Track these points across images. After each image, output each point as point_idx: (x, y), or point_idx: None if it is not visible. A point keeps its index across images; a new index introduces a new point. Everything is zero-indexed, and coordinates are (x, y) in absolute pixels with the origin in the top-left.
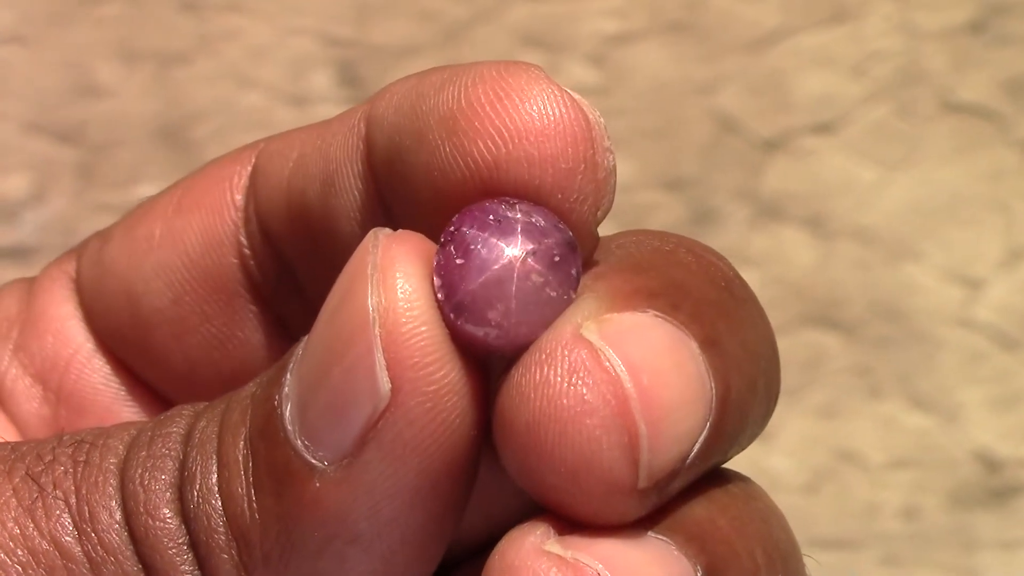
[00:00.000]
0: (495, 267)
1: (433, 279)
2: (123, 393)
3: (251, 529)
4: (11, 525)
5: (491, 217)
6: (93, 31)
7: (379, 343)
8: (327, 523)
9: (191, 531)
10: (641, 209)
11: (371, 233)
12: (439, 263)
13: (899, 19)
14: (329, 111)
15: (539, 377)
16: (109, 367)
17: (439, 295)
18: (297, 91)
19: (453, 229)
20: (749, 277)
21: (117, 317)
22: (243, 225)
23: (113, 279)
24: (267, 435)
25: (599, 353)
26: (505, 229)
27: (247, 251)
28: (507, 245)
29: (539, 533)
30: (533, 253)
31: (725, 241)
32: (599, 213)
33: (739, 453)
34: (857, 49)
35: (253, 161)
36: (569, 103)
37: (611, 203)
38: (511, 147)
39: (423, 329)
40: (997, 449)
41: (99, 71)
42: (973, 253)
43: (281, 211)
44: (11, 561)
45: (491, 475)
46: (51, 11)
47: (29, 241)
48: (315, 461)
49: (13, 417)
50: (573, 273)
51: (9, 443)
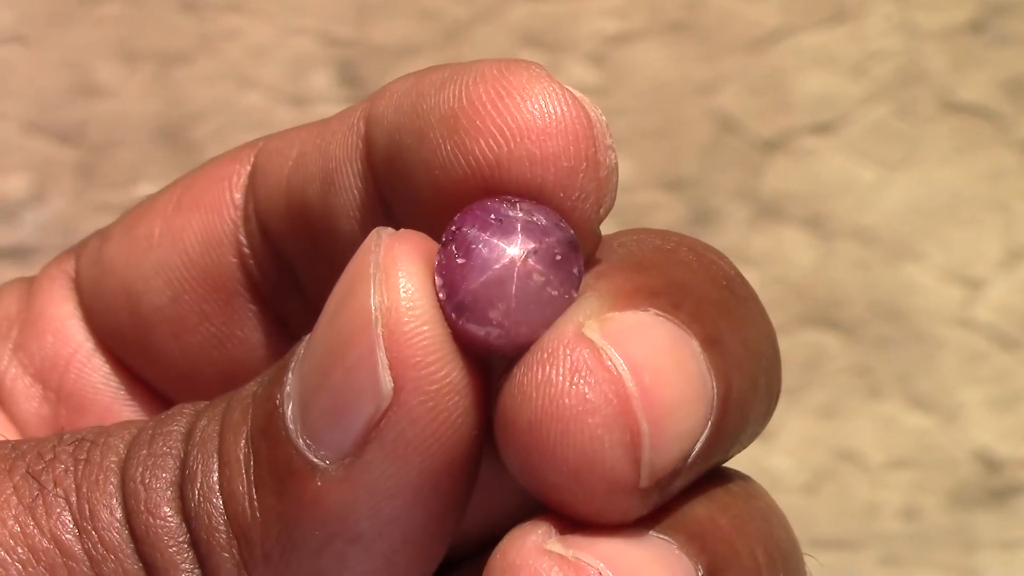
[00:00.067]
0: (496, 267)
1: (435, 278)
2: (123, 392)
3: (252, 528)
4: (11, 523)
5: (492, 216)
6: (93, 31)
7: (381, 342)
8: (328, 522)
9: (192, 529)
10: (641, 209)
11: (374, 232)
12: (440, 262)
13: (899, 19)
14: (329, 111)
15: (541, 376)
16: (109, 366)
17: (440, 295)
18: (297, 91)
19: (454, 228)
20: (749, 277)
21: (116, 316)
22: (242, 224)
23: (112, 278)
24: (269, 434)
25: (601, 352)
26: (506, 228)
27: (246, 250)
28: (508, 244)
29: (540, 532)
30: (534, 252)
31: (725, 241)
32: (601, 211)
33: (740, 452)
34: (857, 49)
35: (252, 160)
36: (570, 101)
37: (613, 200)
38: (513, 146)
39: (425, 328)
40: (997, 449)
41: (99, 71)
42: (973, 253)
43: (280, 210)
44: (11, 559)
45: (492, 474)
46: (51, 11)
47: (29, 241)
48: (317, 460)
49: (13, 416)
50: (575, 272)
51: (10, 441)
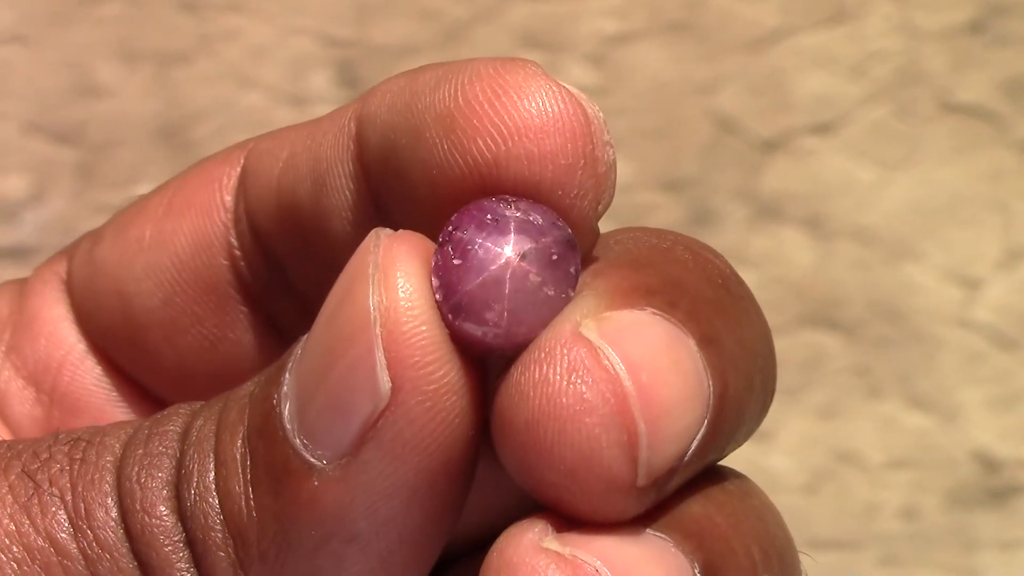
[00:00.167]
0: (492, 268)
1: (431, 279)
2: (116, 394)
3: (248, 527)
4: (7, 522)
5: (488, 216)
6: (93, 31)
7: (380, 342)
8: (325, 522)
9: (187, 529)
10: (640, 209)
11: (372, 233)
12: (437, 263)
13: (899, 19)
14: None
15: (538, 376)
16: (101, 368)
17: (437, 296)
18: (297, 91)
19: (451, 229)
20: (748, 277)
21: (108, 318)
22: (233, 226)
23: (104, 280)
24: (265, 434)
25: (598, 351)
26: (502, 229)
27: (237, 252)
28: (504, 245)
29: (537, 530)
30: (531, 253)
31: (724, 241)
32: (600, 208)
33: (735, 449)
34: (857, 49)
35: (242, 161)
36: (567, 98)
37: (611, 197)
38: (510, 144)
39: (423, 329)
40: (996, 449)
41: (99, 71)
42: (972, 253)
43: (271, 211)
44: (6, 557)
45: (488, 472)
46: (51, 11)
47: (29, 241)
48: (314, 460)
49: (6, 419)
50: (571, 271)
51: (5, 441)
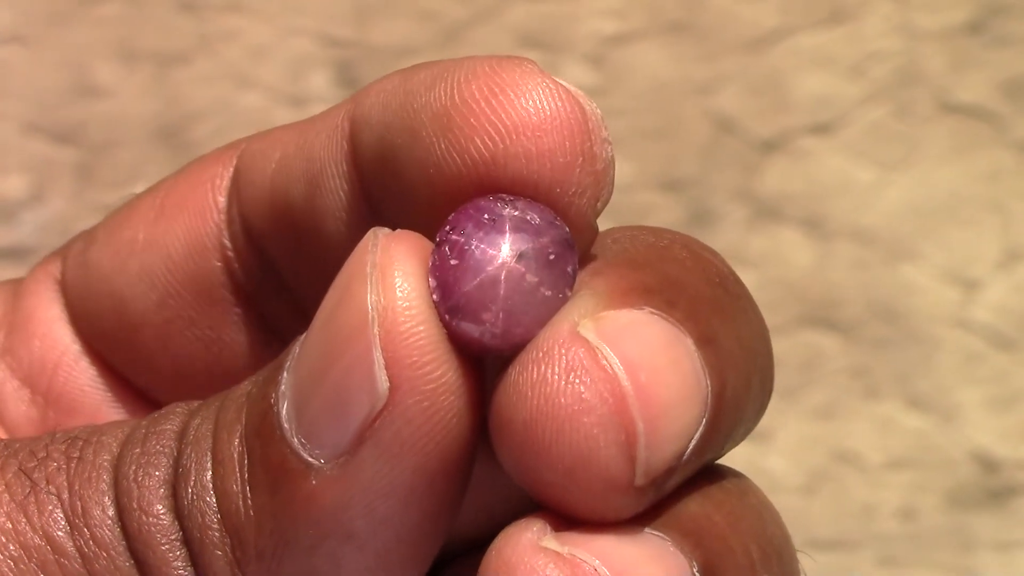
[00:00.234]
0: (489, 269)
1: (429, 280)
2: (111, 395)
3: (245, 526)
4: (3, 520)
5: (486, 216)
6: (92, 31)
7: (378, 342)
8: (322, 521)
9: (184, 528)
10: (639, 209)
11: (370, 232)
12: (434, 263)
13: (898, 20)
14: None
15: (536, 375)
16: (96, 369)
17: (434, 296)
18: (296, 91)
19: (448, 229)
20: (747, 278)
21: (103, 320)
22: (226, 227)
23: (97, 282)
24: (263, 433)
25: (596, 351)
26: (500, 229)
27: (231, 253)
28: (501, 246)
29: (536, 529)
30: (528, 253)
31: (723, 242)
32: (598, 204)
33: (733, 448)
34: (856, 49)
35: (234, 162)
36: (564, 96)
37: (610, 194)
38: (508, 143)
39: (421, 329)
40: (995, 450)
41: (98, 71)
42: (971, 254)
43: (264, 211)
44: (3, 556)
45: (485, 471)
46: (50, 11)
47: (28, 241)
48: (311, 459)
49: (1, 419)
50: (569, 271)
51: (2, 440)
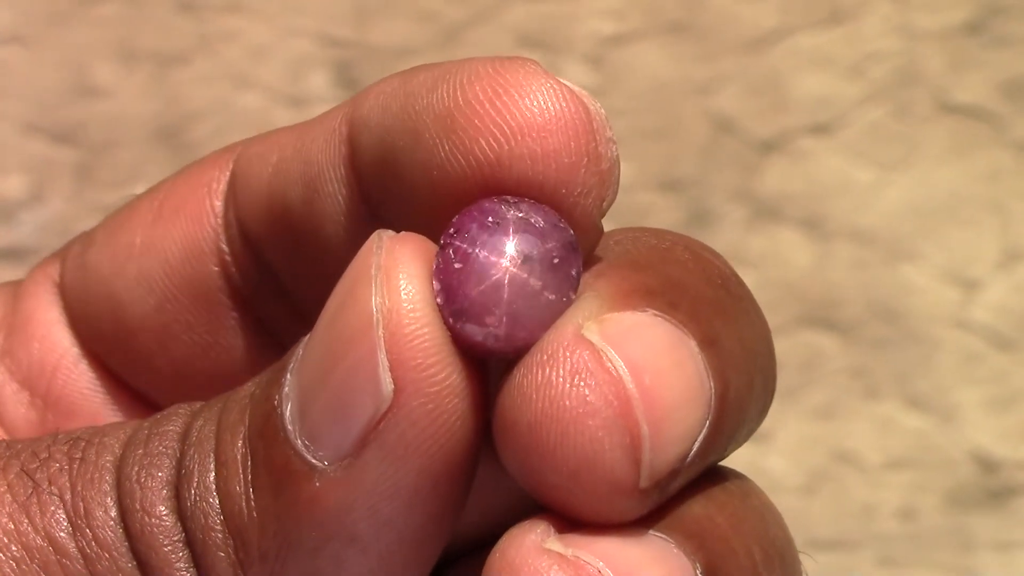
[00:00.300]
0: (492, 272)
1: (433, 282)
2: (110, 398)
3: (248, 527)
4: (5, 520)
5: (490, 219)
6: (92, 31)
7: (383, 344)
8: (326, 523)
9: (187, 529)
10: (638, 210)
11: (375, 234)
12: (438, 266)
13: (897, 20)
14: None
15: (541, 378)
16: (95, 372)
17: (438, 299)
18: (295, 92)
19: (452, 231)
20: (746, 278)
21: (101, 323)
22: (223, 232)
23: (95, 286)
24: (266, 435)
25: (601, 354)
26: (503, 232)
27: (228, 258)
28: (505, 249)
29: (539, 531)
30: (531, 257)
31: (722, 242)
32: (604, 204)
33: (736, 449)
34: (855, 50)
35: (231, 166)
36: (569, 96)
37: (615, 194)
38: (514, 144)
39: (425, 331)
40: (994, 450)
41: (98, 71)
42: (970, 254)
43: (262, 215)
44: (5, 556)
45: (488, 473)
46: (50, 11)
47: (27, 242)
48: (315, 461)
49: (1, 421)
50: (573, 274)
51: (4, 440)
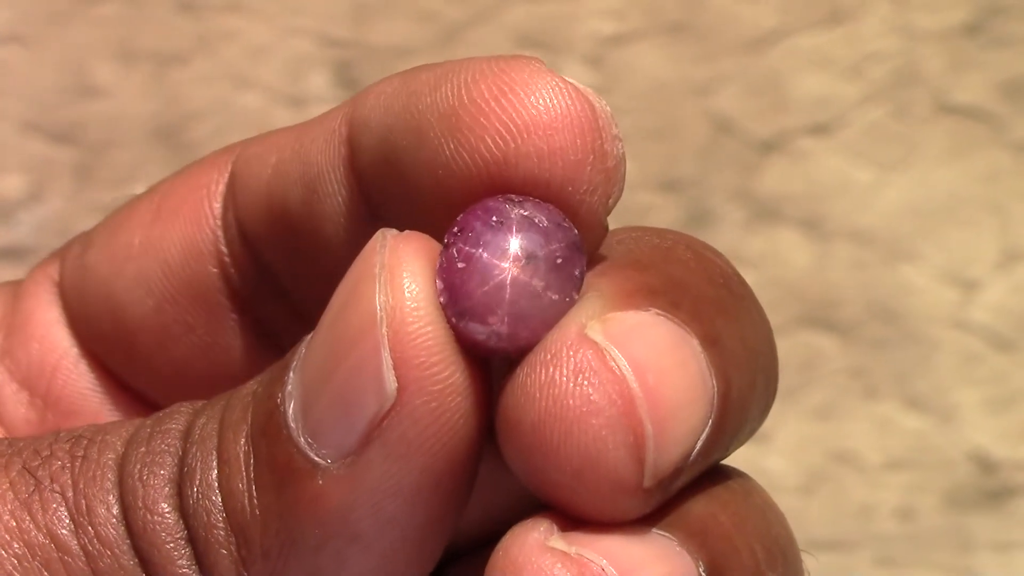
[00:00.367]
0: (495, 272)
1: (436, 281)
2: (110, 398)
3: (251, 525)
4: (7, 518)
5: (494, 218)
6: (91, 31)
7: (386, 342)
8: (328, 521)
9: (189, 527)
10: (638, 210)
11: (379, 233)
12: (442, 265)
13: (896, 20)
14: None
15: (544, 377)
16: (95, 373)
17: (441, 298)
18: (295, 92)
19: (457, 230)
20: (746, 278)
21: (100, 324)
22: (222, 233)
23: (94, 287)
24: (269, 433)
25: (604, 353)
26: (507, 231)
27: (227, 259)
28: (508, 250)
29: (542, 529)
30: (535, 257)
31: (721, 242)
32: (610, 202)
33: (738, 448)
34: (854, 50)
35: (230, 167)
36: (574, 94)
37: (621, 192)
38: (520, 142)
39: (429, 329)
40: (993, 450)
41: (97, 71)
42: (969, 254)
43: (261, 217)
44: (7, 553)
45: (490, 471)
46: (49, 11)
47: (26, 241)
48: (318, 459)
49: (1, 421)
50: (576, 274)
51: (6, 438)
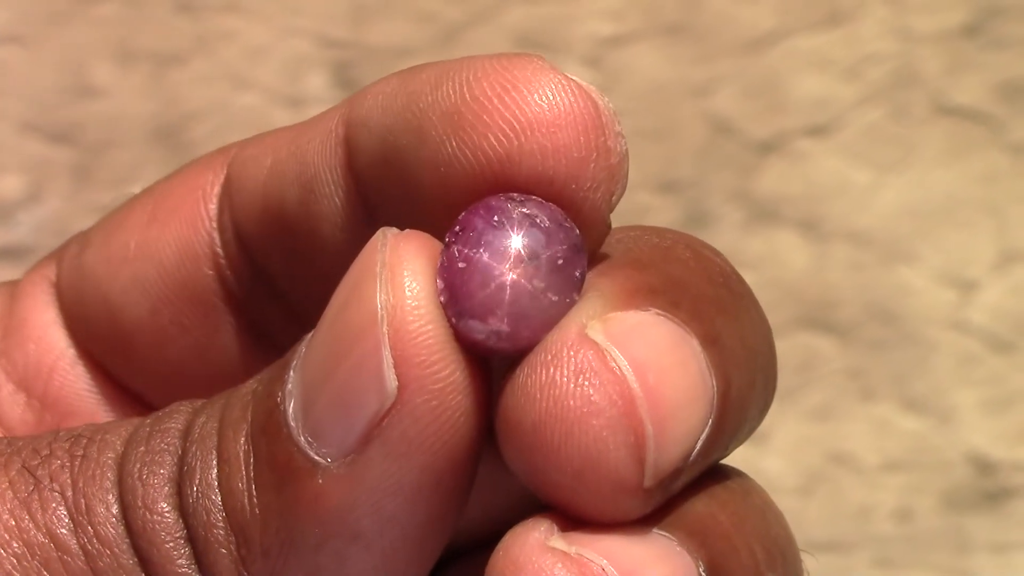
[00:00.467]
0: (496, 273)
1: (437, 280)
2: (107, 400)
3: (251, 524)
4: (6, 517)
5: (495, 218)
6: (90, 31)
7: (387, 340)
8: (328, 520)
9: (189, 526)
10: (636, 211)
11: (379, 232)
12: (443, 264)
13: (894, 22)
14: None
15: (545, 378)
16: (92, 374)
17: (442, 298)
18: (293, 92)
19: (458, 229)
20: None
21: (96, 326)
22: (218, 235)
23: (90, 289)
24: (269, 431)
25: (605, 353)
26: (508, 231)
27: (223, 261)
28: (510, 249)
29: (543, 529)
30: (536, 257)
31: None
32: (613, 199)
33: (737, 447)
34: (852, 52)
35: (226, 169)
36: (578, 91)
37: (624, 188)
38: (523, 139)
39: (429, 328)
40: (990, 452)
41: (95, 71)
42: (966, 256)
43: (257, 218)
44: (6, 553)
45: (490, 470)
46: (48, 11)
47: (24, 242)
48: (318, 458)
49: None
50: (577, 275)
51: (5, 438)
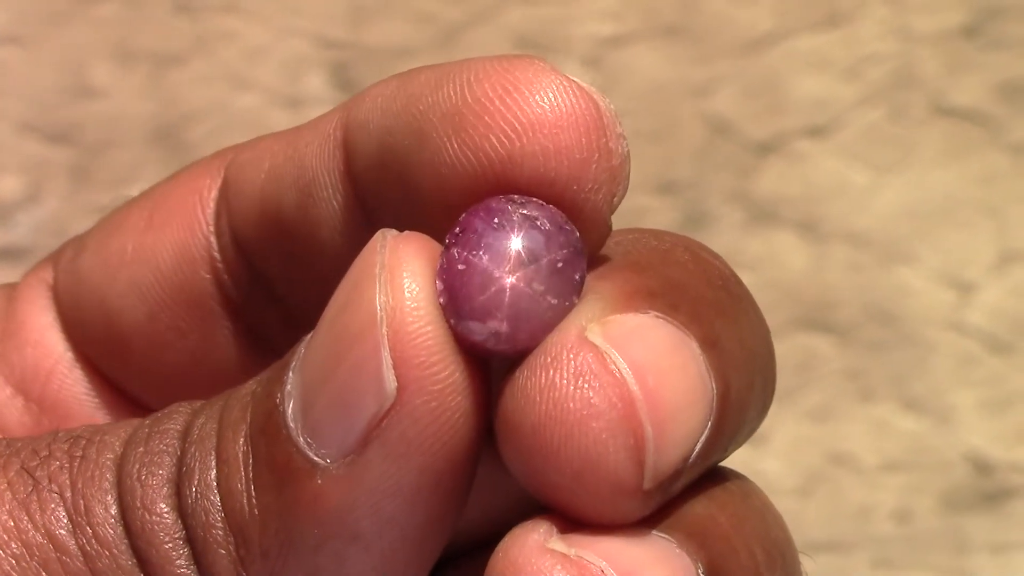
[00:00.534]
0: (496, 275)
1: (436, 282)
2: (105, 404)
3: (250, 525)
4: (5, 518)
5: (496, 220)
6: (89, 32)
7: (386, 342)
8: (327, 521)
9: (188, 526)
10: (634, 212)
11: (379, 233)
12: (442, 266)
13: (893, 23)
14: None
15: (544, 380)
16: (89, 377)
17: (441, 299)
18: (292, 93)
19: (458, 231)
20: (742, 280)
21: (94, 329)
22: (215, 240)
23: (88, 293)
24: (268, 432)
25: (604, 356)
26: (508, 234)
27: (220, 265)
28: (509, 252)
29: (542, 531)
30: (535, 260)
31: (718, 244)
32: (614, 200)
33: (736, 449)
34: (851, 52)
35: (223, 173)
36: (579, 92)
37: (626, 190)
38: (525, 140)
39: (429, 329)
40: (989, 452)
41: (94, 72)
42: (965, 257)
43: (255, 222)
44: (5, 554)
45: (489, 471)
46: (47, 11)
47: (23, 242)
48: (317, 459)
49: None
50: (576, 278)
51: (4, 439)
